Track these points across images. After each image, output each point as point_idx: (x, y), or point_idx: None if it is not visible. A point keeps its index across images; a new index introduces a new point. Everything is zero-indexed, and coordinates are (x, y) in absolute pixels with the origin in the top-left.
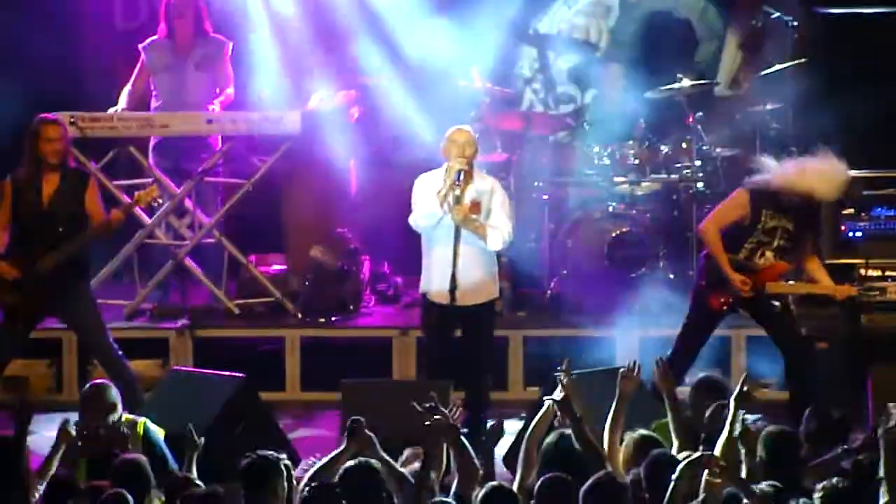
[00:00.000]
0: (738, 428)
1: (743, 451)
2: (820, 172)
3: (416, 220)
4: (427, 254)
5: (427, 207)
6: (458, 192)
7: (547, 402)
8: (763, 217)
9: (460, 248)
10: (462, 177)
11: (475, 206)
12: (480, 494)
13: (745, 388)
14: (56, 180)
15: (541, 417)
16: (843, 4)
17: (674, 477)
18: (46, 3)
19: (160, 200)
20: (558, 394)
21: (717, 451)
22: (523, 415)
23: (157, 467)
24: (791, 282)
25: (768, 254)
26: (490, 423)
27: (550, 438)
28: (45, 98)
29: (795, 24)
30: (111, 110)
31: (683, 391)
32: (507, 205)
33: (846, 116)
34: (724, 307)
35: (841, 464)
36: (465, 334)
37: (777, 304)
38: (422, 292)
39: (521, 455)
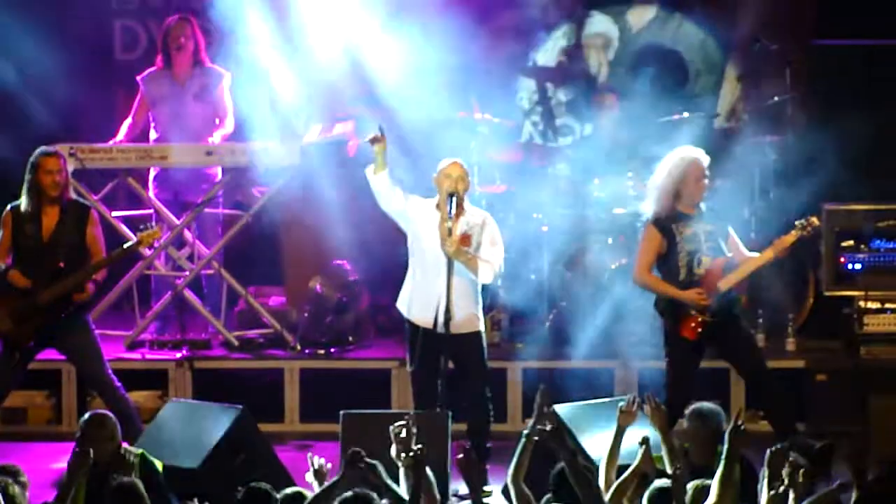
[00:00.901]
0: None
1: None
2: (672, 163)
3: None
4: (414, 281)
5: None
6: (450, 224)
7: (524, 439)
8: (676, 232)
9: (454, 281)
10: (455, 202)
11: (466, 238)
12: None
13: (740, 424)
14: (56, 213)
15: (521, 454)
16: (842, 37)
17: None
18: (46, 34)
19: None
20: (550, 427)
21: (714, 487)
22: None
23: (155, 499)
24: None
25: (704, 259)
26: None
27: (559, 467)
28: (44, 129)
29: (794, 56)
30: (111, 142)
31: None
32: (498, 238)
33: (845, 148)
34: (699, 330)
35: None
36: (457, 365)
37: (741, 302)
38: (405, 318)
39: (514, 496)
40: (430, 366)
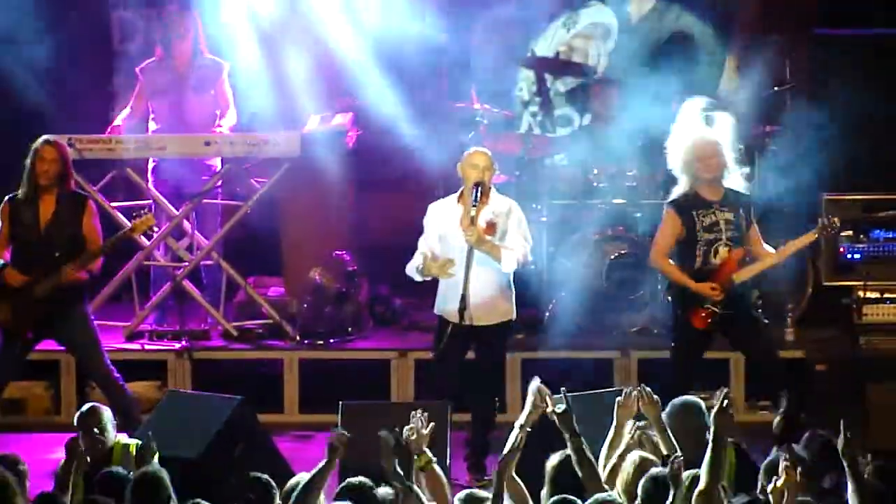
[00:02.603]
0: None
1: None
2: (678, 145)
3: (408, 270)
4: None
5: (416, 262)
6: (472, 213)
7: (517, 430)
8: (697, 219)
9: (472, 270)
10: (480, 192)
11: (491, 226)
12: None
13: (725, 406)
14: (53, 203)
15: (514, 445)
16: (843, 25)
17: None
18: (43, 24)
19: (156, 228)
20: (560, 406)
21: (703, 473)
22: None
23: None
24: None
25: (721, 250)
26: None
27: (555, 459)
28: (42, 120)
29: (795, 46)
30: (108, 129)
31: None
32: (524, 226)
33: (845, 138)
34: (709, 321)
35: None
36: (476, 354)
37: (758, 301)
38: (437, 312)
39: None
40: (449, 358)
